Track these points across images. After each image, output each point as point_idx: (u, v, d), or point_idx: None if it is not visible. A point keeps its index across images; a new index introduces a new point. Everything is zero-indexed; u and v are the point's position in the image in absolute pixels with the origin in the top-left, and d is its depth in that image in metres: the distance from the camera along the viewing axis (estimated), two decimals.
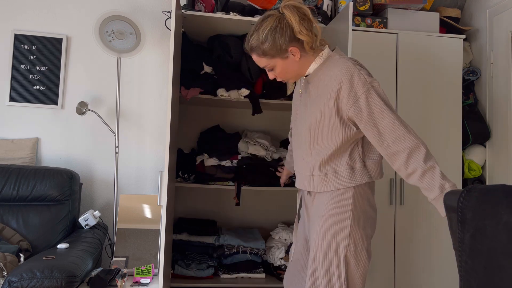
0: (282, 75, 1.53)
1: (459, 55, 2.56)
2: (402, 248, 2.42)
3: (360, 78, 1.39)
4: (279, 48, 1.45)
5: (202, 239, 2.51)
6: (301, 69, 1.52)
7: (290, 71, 1.51)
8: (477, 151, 2.63)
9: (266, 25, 1.45)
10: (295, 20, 1.43)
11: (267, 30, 1.44)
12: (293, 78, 1.55)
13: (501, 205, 0.95)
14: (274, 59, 1.48)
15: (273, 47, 1.45)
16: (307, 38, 1.45)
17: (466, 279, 1.01)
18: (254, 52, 1.50)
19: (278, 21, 1.44)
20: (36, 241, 2.26)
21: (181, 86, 2.47)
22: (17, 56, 2.64)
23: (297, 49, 1.46)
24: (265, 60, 1.49)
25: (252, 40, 1.48)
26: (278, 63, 1.49)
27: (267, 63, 1.50)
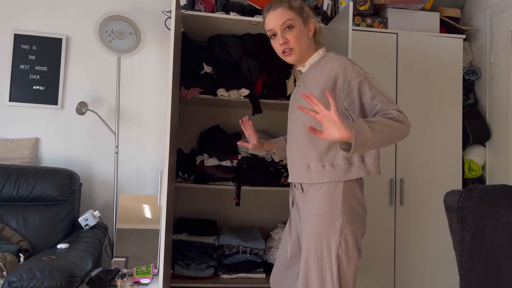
0: (296, 39, 1.54)
1: (459, 55, 2.56)
2: (402, 248, 2.42)
3: (354, 70, 1.45)
4: (305, 13, 1.56)
5: (202, 239, 2.51)
6: (308, 48, 1.58)
7: (302, 41, 1.55)
8: (477, 151, 2.63)
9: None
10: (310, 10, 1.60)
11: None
12: (298, 52, 1.56)
13: (501, 205, 0.95)
14: (298, 18, 1.55)
15: (302, 8, 1.56)
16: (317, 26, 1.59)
17: (466, 279, 1.01)
18: (283, 5, 1.54)
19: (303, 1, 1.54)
20: (36, 241, 2.26)
21: (181, 86, 2.47)
22: (17, 56, 2.64)
23: (314, 27, 1.58)
24: (291, 14, 1.54)
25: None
26: (299, 24, 1.55)
27: (291, 17, 1.53)
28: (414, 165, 2.46)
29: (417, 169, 2.46)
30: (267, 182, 2.52)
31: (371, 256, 2.39)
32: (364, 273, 2.39)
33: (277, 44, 1.57)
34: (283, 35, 1.55)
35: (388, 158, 2.44)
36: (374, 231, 2.40)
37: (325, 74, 1.50)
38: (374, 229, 2.40)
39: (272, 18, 1.55)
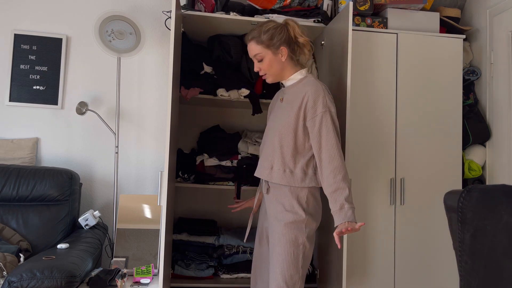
0: (267, 68, 1.81)
1: (459, 55, 2.56)
2: (402, 248, 2.42)
3: (323, 101, 1.73)
4: (274, 42, 1.78)
5: (202, 239, 2.51)
6: (282, 71, 1.84)
7: (274, 68, 1.81)
8: (477, 151, 2.63)
9: (270, 23, 1.81)
10: (294, 31, 1.81)
11: (270, 26, 1.79)
12: (273, 76, 1.84)
13: (501, 205, 0.95)
14: (267, 50, 1.79)
15: (270, 40, 1.77)
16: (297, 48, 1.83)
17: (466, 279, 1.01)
18: (253, 40, 1.80)
19: (280, 25, 1.81)
20: (36, 241, 2.26)
21: (181, 86, 2.47)
22: (17, 56, 2.64)
23: (286, 51, 1.80)
24: (259, 48, 1.79)
25: (254, 31, 1.81)
26: (268, 56, 1.79)
27: (259, 52, 1.79)
28: (414, 165, 2.46)
29: (417, 169, 2.46)
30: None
31: (371, 256, 2.39)
32: (364, 273, 2.39)
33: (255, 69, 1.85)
34: (256, 64, 1.83)
35: (388, 158, 2.44)
36: (374, 231, 2.40)
37: (300, 97, 1.77)
38: (374, 229, 2.40)
39: (248, 49, 1.84)
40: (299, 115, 1.75)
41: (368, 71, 2.47)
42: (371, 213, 2.41)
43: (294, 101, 1.78)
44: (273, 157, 1.80)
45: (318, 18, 2.44)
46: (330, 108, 1.74)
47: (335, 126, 1.74)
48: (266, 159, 1.83)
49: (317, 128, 1.72)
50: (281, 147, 1.79)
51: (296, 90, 1.81)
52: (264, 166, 1.84)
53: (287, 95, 1.85)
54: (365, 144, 2.42)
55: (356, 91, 2.43)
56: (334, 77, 2.26)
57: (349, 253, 2.36)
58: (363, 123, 2.43)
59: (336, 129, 1.74)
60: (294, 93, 1.81)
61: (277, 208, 1.80)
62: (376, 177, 2.43)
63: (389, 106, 2.46)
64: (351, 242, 2.37)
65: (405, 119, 2.48)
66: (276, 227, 1.77)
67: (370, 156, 2.43)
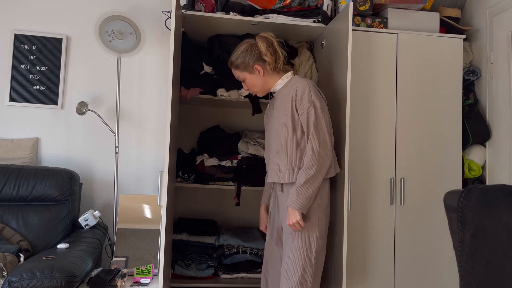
0: (251, 86, 2.01)
1: (459, 55, 2.56)
2: (402, 248, 2.42)
3: (308, 96, 1.85)
4: (247, 64, 1.96)
5: (202, 239, 2.51)
6: (266, 84, 1.99)
7: (256, 84, 1.99)
8: (477, 151, 2.63)
9: (241, 47, 1.99)
10: (263, 45, 1.94)
11: (240, 50, 1.98)
12: (260, 91, 2.02)
13: (501, 205, 0.95)
14: (244, 73, 1.99)
15: (243, 63, 1.97)
16: (270, 60, 1.94)
17: (466, 279, 1.01)
18: (232, 66, 2.02)
19: (250, 45, 1.97)
20: (36, 241, 2.26)
21: (181, 86, 2.47)
22: (17, 56, 2.64)
23: (261, 68, 1.96)
24: (238, 72, 2.01)
25: (231, 57, 2.01)
26: (247, 76, 1.99)
27: (239, 75, 2.01)
28: (414, 165, 2.46)
29: (417, 169, 2.46)
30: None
31: (371, 256, 2.39)
32: (364, 273, 2.39)
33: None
34: (243, 85, 2.04)
35: (388, 158, 2.44)
36: (374, 231, 2.40)
37: (290, 96, 1.89)
38: (374, 229, 2.40)
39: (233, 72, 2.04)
40: (293, 112, 1.87)
41: (368, 71, 2.47)
42: (371, 213, 2.41)
43: (286, 102, 1.90)
44: (279, 159, 1.90)
45: (318, 18, 2.44)
46: (315, 102, 1.84)
47: (321, 120, 1.84)
48: (274, 163, 1.93)
49: (305, 122, 1.84)
50: (284, 147, 1.88)
51: (285, 92, 1.94)
52: (273, 169, 1.94)
53: (277, 100, 1.98)
54: (365, 144, 2.42)
55: (356, 91, 2.43)
56: (334, 77, 2.26)
57: (349, 253, 2.36)
58: (363, 123, 2.43)
59: (321, 123, 1.84)
60: (284, 95, 1.94)
61: None
62: (376, 177, 2.43)
63: (389, 106, 2.46)
64: (351, 242, 2.37)
65: (405, 119, 2.48)
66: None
67: (370, 156, 2.43)
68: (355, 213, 2.39)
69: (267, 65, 1.95)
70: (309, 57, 2.63)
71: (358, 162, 2.41)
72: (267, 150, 2.06)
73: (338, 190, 2.06)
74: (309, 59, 2.62)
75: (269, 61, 1.94)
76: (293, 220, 1.78)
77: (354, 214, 2.38)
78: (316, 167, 1.79)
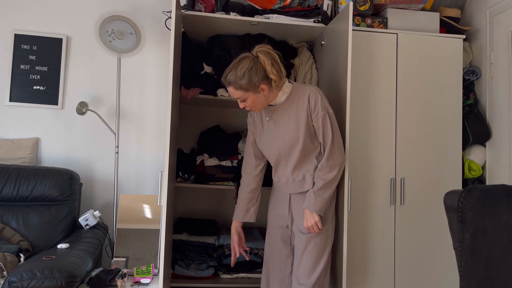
0: (252, 106, 1.86)
1: (459, 55, 2.56)
2: (402, 248, 2.42)
3: (321, 103, 1.85)
4: (253, 84, 1.79)
5: (202, 239, 2.51)
6: (267, 102, 1.88)
7: (258, 103, 1.86)
8: (477, 151, 2.63)
9: (243, 64, 1.79)
10: (267, 63, 1.79)
11: (244, 69, 1.78)
12: (260, 109, 1.90)
13: (501, 205, 0.95)
14: (247, 93, 1.82)
15: (249, 84, 1.79)
16: (276, 78, 1.81)
17: (466, 279, 1.01)
18: (231, 86, 1.82)
19: (253, 62, 1.80)
20: (36, 241, 2.26)
21: (181, 86, 2.47)
22: (17, 56, 2.64)
23: (267, 87, 1.82)
24: (240, 93, 1.82)
25: (230, 76, 1.81)
26: (250, 97, 1.83)
27: (241, 96, 1.83)
28: (414, 165, 2.46)
29: (417, 169, 2.46)
30: (267, 182, 2.52)
31: (371, 256, 2.39)
32: (364, 273, 2.39)
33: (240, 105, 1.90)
34: (241, 104, 1.88)
35: (388, 158, 2.44)
36: (374, 231, 2.40)
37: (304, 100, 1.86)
38: (374, 229, 2.40)
39: (228, 90, 1.86)
40: (308, 121, 1.86)
41: (368, 71, 2.47)
42: (371, 213, 2.41)
43: (298, 110, 1.88)
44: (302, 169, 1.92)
45: (318, 18, 2.44)
46: (328, 109, 1.88)
47: (336, 125, 1.91)
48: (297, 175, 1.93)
49: (321, 128, 1.87)
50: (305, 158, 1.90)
51: (292, 101, 1.89)
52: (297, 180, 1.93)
53: (280, 111, 1.91)
54: (365, 144, 2.42)
55: (356, 91, 2.43)
56: (334, 77, 2.26)
57: (349, 253, 2.36)
58: (363, 123, 2.43)
59: (337, 128, 1.91)
60: (291, 104, 1.89)
61: None
62: (376, 177, 2.43)
63: (389, 106, 2.46)
64: (351, 242, 2.37)
65: (405, 119, 2.48)
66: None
67: (370, 156, 2.43)
68: (355, 213, 2.39)
69: (273, 83, 1.82)
70: (309, 57, 2.63)
71: (358, 162, 2.41)
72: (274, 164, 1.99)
73: (338, 190, 2.06)
74: (309, 59, 2.62)
75: (275, 79, 1.81)
76: (312, 222, 1.83)
77: (354, 214, 2.38)
78: (335, 172, 1.86)
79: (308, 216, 1.84)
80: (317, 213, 1.83)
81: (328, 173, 1.85)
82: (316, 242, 1.88)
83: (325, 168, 1.85)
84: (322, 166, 1.86)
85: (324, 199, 1.84)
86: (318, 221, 1.83)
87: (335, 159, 1.86)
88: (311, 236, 1.88)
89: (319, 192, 1.84)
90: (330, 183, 1.85)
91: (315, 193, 1.84)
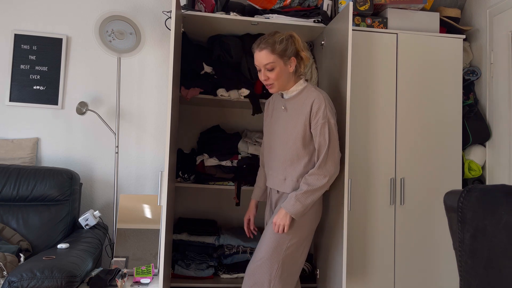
0: (276, 77, 1.86)
1: (459, 55, 2.56)
2: (402, 248, 2.42)
3: (323, 112, 1.84)
4: (287, 54, 1.84)
5: (202, 239, 2.51)
6: (288, 82, 1.91)
7: (282, 78, 1.87)
8: (477, 151, 2.63)
9: (280, 35, 1.86)
10: (300, 42, 1.89)
11: (283, 37, 1.85)
12: (278, 86, 1.89)
13: (501, 205, 0.95)
14: (279, 61, 1.83)
15: (284, 51, 1.83)
16: (306, 59, 1.90)
17: (466, 279, 1.01)
18: (266, 49, 1.82)
19: (289, 36, 1.87)
20: (36, 241, 2.26)
21: (181, 86, 2.47)
22: (17, 56, 2.64)
23: (295, 63, 1.88)
24: (273, 58, 1.83)
25: (267, 39, 1.84)
26: (279, 66, 1.84)
27: (273, 61, 1.83)
28: (414, 165, 2.46)
29: (417, 169, 2.47)
30: None
31: (371, 256, 2.39)
32: (364, 273, 2.39)
33: (260, 77, 1.90)
34: (265, 73, 1.87)
35: (388, 158, 2.44)
36: (374, 231, 2.40)
37: (305, 106, 1.87)
38: (374, 229, 2.40)
39: (257, 58, 1.86)
40: (305, 126, 1.87)
41: (368, 71, 2.47)
42: (371, 213, 2.41)
43: (300, 111, 1.89)
44: (286, 169, 1.92)
45: (318, 18, 2.44)
46: (330, 119, 1.86)
47: (334, 137, 1.88)
48: (279, 172, 1.94)
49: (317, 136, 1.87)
50: (292, 159, 1.90)
51: (299, 100, 1.92)
52: (277, 178, 1.96)
53: (289, 104, 1.95)
54: (365, 144, 2.42)
55: (356, 91, 2.43)
56: (334, 77, 2.26)
57: (349, 253, 2.36)
58: (363, 123, 2.43)
59: (334, 140, 1.88)
60: (297, 103, 1.92)
61: None
62: (376, 177, 2.43)
63: (389, 106, 2.46)
64: (351, 242, 2.37)
65: (405, 119, 2.48)
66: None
67: (370, 156, 2.43)
68: (355, 213, 2.39)
69: (301, 63, 1.90)
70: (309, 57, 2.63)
71: (358, 162, 2.41)
72: (267, 151, 2.06)
73: (338, 190, 2.06)
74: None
75: (304, 58, 1.90)
76: (281, 222, 1.81)
77: (354, 214, 2.38)
78: (324, 181, 1.83)
79: (282, 216, 1.81)
80: (293, 216, 1.80)
81: (316, 181, 1.82)
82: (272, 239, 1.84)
83: (315, 175, 1.83)
84: (312, 172, 1.83)
85: (304, 205, 1.81)
86: (287, 225, 1.80)
87: (326, 169, 1.84)
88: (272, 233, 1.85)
89: (301, 196, 1.81)
90: (315, 190, 1.82)
91: (296, 196, 1.81)
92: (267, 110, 2.11)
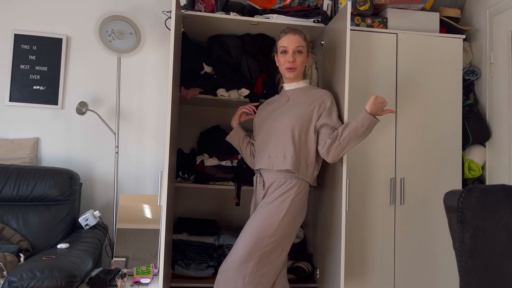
0: (300, 62, 2.06)
1: (459, 55, 2.56)
2: (402, 248, 2.42)
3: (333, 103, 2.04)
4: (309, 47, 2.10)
5: (202, 239, 2.51)
6: (300, 73, 2.10)
7: (302, 65, 2.08)
8: (477, 151, 2.63)
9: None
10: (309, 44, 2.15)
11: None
12: (297, 72, 2.07)
13: (501, 205, 0.95)
14: (305, 49, 2.07)
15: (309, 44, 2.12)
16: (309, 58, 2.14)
17: (466, 279, 1.01)
18: (300, 34, 2.06)
19: None
20: (36, 241, 2.26)
21: (181, 86, 2.47)
22: (17, 56, 2.64)
23: (309, 59, 2.13)
24: (304, 43, 2.06)
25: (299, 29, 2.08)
26: (305, 52, 2.07)
27: (303, 45, 2.05)
28: (414, 165, 2.46)
29: (417, 169, 2.47)
30: None
31: (370, 256, 2.39)
32: (364, 273, 2.39)
33: (284, 60, 2.05)
34: (293, 55, 2.03)
35: (388, 158, 2.44)
36: (374, 231, 2.40)
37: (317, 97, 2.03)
38: (374, 229, 2.40)
39: (290, 39, 2.03)
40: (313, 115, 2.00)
41: (368, 71, 2.47)
42: (371, 213, 2.41)
43: (308, 99, 2.04)
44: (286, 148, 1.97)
45: (318, 18, 2.44)
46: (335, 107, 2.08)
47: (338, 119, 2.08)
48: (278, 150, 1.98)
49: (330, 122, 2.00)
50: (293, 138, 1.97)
51: (304, 92, 2.09)
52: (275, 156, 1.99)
53: (294, 95, 2.09)
54: (365, 144, 2.42)
55: (356, 91, 2.43)
56: (334, 77, 2.26)
57: (349, 253, 2.36)
58: None
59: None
60: (303, 94, 2.07)
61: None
62: (376, 177, 2.43)
63: (388, 106, 2.46)
64: (351, 242, 2.37)
65: (405, 119, 2.48)
66: None
67: (370, 156, 2.43)
68: (355, 213, 2.39)
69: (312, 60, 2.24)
70: None
71: (358, 162, 2.41)
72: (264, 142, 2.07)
73: (336, 190, 2.06)
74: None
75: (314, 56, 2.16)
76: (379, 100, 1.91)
77: (354, 214, 2.38)
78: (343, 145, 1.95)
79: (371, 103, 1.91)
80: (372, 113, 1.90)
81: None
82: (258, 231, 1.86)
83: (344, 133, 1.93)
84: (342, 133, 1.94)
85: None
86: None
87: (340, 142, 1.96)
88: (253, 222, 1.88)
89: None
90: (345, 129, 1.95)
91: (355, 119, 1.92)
92: (259, 114, 2.19)
